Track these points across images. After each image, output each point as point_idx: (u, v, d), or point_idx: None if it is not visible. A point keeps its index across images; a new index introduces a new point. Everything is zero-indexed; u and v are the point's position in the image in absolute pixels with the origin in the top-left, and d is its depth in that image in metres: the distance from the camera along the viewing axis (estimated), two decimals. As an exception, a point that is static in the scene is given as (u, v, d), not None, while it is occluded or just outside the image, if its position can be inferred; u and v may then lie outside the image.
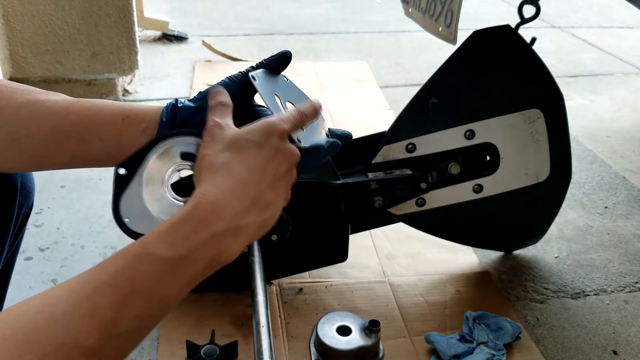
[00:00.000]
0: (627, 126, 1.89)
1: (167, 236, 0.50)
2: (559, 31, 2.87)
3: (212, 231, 0.51)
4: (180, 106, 0.66)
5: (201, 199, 0.52)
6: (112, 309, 0.46)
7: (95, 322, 0.45)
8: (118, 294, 0.47)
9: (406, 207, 1.06)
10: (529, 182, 1.06)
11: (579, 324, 1.07)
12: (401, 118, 1.05)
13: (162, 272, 0.49)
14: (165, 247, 0.49)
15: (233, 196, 0.53)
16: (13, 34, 1.74)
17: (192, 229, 0.51)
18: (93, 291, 0.46)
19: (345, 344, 0.92)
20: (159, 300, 0.49)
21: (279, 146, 0.57)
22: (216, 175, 0.54)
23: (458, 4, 1.00)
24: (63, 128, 0.62)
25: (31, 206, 0.84)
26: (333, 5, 3.17)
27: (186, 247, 0.50)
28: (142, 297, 0.48)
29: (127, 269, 0.48)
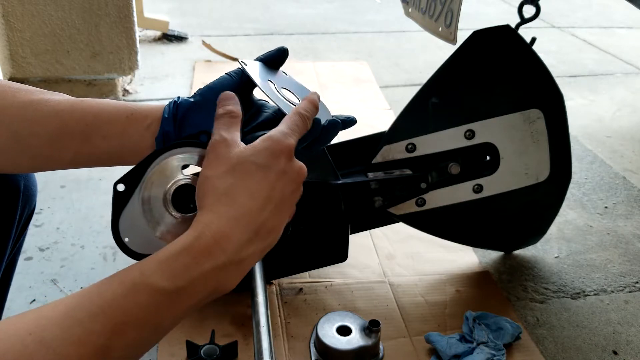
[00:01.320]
0: (627, 126, 1.89)
1: (166, 266, 0.49)
2: (559, 31, 2.87)
3: (213, 264, 0.50)
4: (179, 102, 0.66)
5: (204, 229, 0.51)
6: (105, 337, 0.45)
7: (88, 350, 0.44)
8: (112, 323, 0.46)
9: (406, 207, 1.06)
10: (529, 182, 1.06)
11: (579, 324, 1.07)
12: (401, 118, 1.05)
13: (158, 303, 0.48)
14: (164, 278, 0.48)
15: (236, 227, 0.52)
16: (13, 34, 1.74)
17: (193, 260, 0.49)
18: (87, 317, 0.46)
19: (345, 344, 0.92)
20: (153, 330, 0.48)
21: (285, 168, 0.55)
22: (219, 203, 0.52)
23: (458, 4, 1.00)
24: (67, 127, 0.62)
25: (33, 208, 0.84)
26: (333, 5, 3.17)
27: (185, 279, 0.49)
28: (136, 326, 0.47)
29: (123, 298, 0.47)
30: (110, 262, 1.18)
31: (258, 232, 0.53)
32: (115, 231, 0.60)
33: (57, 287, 1.11)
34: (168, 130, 0.64)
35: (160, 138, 0.64)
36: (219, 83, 0.67)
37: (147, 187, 0.60)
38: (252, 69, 0.67)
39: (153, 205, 0.61)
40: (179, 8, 2.95)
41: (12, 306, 1.05)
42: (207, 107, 0.65)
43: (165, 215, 0.61)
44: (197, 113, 0.65)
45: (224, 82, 0.67)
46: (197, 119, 0.65)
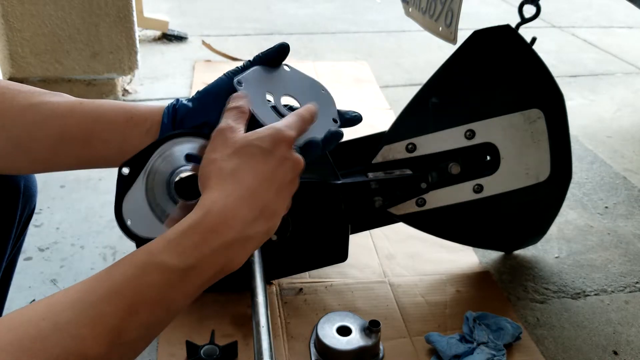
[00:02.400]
0: (627, 126, 1.89)
1: (175, 245, 0.49)
2: (559, 31, 2.87)
3: (221, 240, 0.51)
4: (178, 107, 0.66)
5: (211, 207, 0.52)
6: (118, 317, 0.45)
7: (101, 330, 0.45)
8: (124, 303, 0.46)
9: (406, 207, 1.05)
10: (529, 182, 1.06)
11: (580, 324, 1.07)
12: (401, 118, 1.05)
13: (169, 281, 0.48)
14: (174, 257, 0.49)
15: (242, 205, 0.53)
16: (13, 34, 1.74)
17: (201, 238, 0.50)
18: (98, 299, 0.46)
19: (345, 344, 0.92)
20: (165, 309, 0.49)
21: (285, 154, 0.57)
22: (225, 183, 0.54)
23: (458, 3, 1.00)
24: (67, 132, 0.62)
25: (33, 208, 0.84)
26: (333, 5, 3.17)
27: (195, 257, 0.49)
28: (148, 306, 0.47)
29: (134, 278, 0.47)
30: (110, 262, 1.18)
31: (262, 211, 0.54)
32: (118, 213, 0.61)
33: (57, 287, 1.11)
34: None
35: None
36: (216, 86, 0.67)
37: (151, 173, 0.61)
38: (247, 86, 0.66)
39: (156, 190, 0.62)
40: (178, 8, 2.95)
41: (11, 306, 1.05)
42: (204, 112, 0.65)
43: (167, 201, 0.62)
44: (195, 118, 0.65)
45: (221, 84, 0.67)
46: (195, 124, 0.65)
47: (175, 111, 0.65)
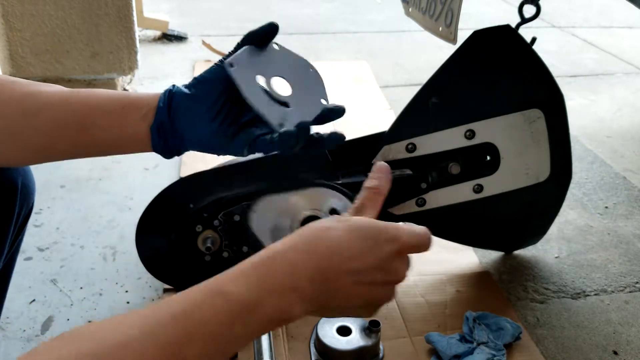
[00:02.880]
0: (627, 126, 1.89)
1: (243, 278, 0.48)
2: (559, 31, 2.87)
3: (279, 287, 0.48)
4: (176, 91, 0.67)
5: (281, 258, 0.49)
6: (178, 343, 0.44)
7: (165, 352, 0.43)
8: (190, 326, 0.44)
9: (406, 207, 1.05)
10: (529, 182, 1.06)
11: (579, 324, 1.07)
12: (401, 118, 1.05)
13: (232, 312, 0.46)
14: (240, 288, 0.47)
15: (306, 266, 0.49)
16: (13, 34, 1.74)
17: (265, 280, 0.48)
18: (160, 327, 0.44)
19: (345, 344, 0.92)
20: (225, 342, 0.46)
21: (392, 259, 0.53)
22: (308, 236, 0.50)
23: (458, 3, 1.00)
24: (63, 119, 0.63)
25: (31, 207, 0.84)
26: (333, 5, 3.17)
27: (258, 293, 0.47)
28: (210, 334, 0.45)
29: (201, 304, 0.46)
30: (110, 262, 1.18)
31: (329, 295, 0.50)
32: None
33: (57, 287, 1.11)
34: (162, 119, 0.65)
35: (155, 127, 0.65)
36: (212, 73, 0.68)
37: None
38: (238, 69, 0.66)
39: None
40: (178, 8, 2.95)
41: (11, 306, 1.05)
42: (200, 100, 0.66)
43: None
44: (190, 106, 0.66)
45: (216, 71, 0.67)
46: (189, 111, 0.66)
47: (172, 97, 0.66)
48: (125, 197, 1.39)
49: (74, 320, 1.03)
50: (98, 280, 1.13)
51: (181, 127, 0.66)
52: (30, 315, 1.04)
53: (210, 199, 1.00)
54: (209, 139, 0.67)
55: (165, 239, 1.03)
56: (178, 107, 0.66)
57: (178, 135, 0.67)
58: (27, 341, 0.99)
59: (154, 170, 1.50)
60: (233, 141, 0.67)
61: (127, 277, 1.14)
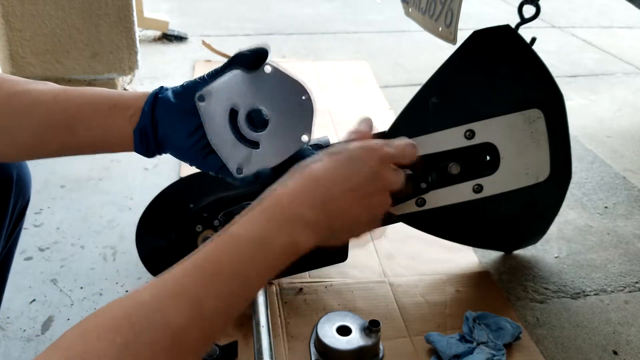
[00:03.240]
0: (627, 126, 1.89)
1: (246, 220, 0.55)
2: (559, 31, 2.87)
3: (285, 218, 0.55)
4: (161, 97, 0.67)
5: (280, 198, 0.57)
6: (198, 286, 0.49)
7: (181, 300, 0.47)
8: (202, 273, 0.50)
9: (406, 207, 1.05)
10: (529, 182, 1.06)
11: (579, 324, 1.07)
12: (401, 118, 1.05)
13: (243, 251, 0.52)
14: (246, 229, 0.54)
15: (304, 194, 0.57)
16: (13, 34, 1.74)
17: (271, 215, 0.55)
18: (179, 273, 0.49)
19: (345, 344, 0.92)
20: (241, 282, 0.52)
21: (376, 169, 0.61)
22: (298, 173, 0.60)
23: (458, 3, 1.00)
24: (51, 119, 0.64)
25: (28, 200, 0.84)
26: (333, 5, 3.17)
27: (264, 229, 0.54)
28: (224, 276, 0.50)
29: (211, 250, 0.52)
30: (110, 262, 1.18)
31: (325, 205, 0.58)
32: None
33: (57, 287, 1.11)
34: (145, 124, 0.66)
35: (138, 132, 0.66)
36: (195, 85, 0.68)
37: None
38: (209, 101, 0.66)
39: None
40: (178, 8, 2.95)
41: (11, 306, 1.05)
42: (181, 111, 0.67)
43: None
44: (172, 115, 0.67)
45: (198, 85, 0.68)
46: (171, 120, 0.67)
47: (156, 101, 0.67)
48: (125, 197, 1.39)
49: (74, 320, 1.03)
50: (98, 280, 1.13)
51: (161, 135, 0.67)
52: (31, 315, 1.04)
53: (210, 199, 1.00)
54: (186, 151, 0.68)
55: (165, 239, 1.03)
56: (161, 114, 0.67)
57: (158, 142, 0.68)
58: (27, 341, 0.99)
59: (154, 170, 1.50)
60: (205, 161, 0.69)
61: (127, 277, 1.14)
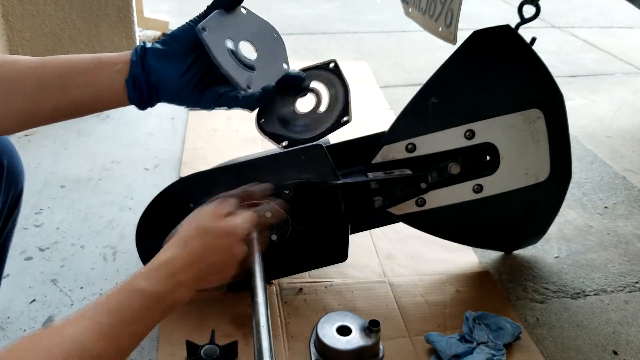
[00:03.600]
0: (627, 126, 1.89)
1: (153, 275, 0.67)
2: (559, 31, 2.87)
3: (175, 281, 0.68)
4: (149, 47, 0.73)
5: (177, 257, 0.70)
6: (115, 329, 0.60)
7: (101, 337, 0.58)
8: (120, 318, 0.61)
9: (406, 207, 1.06)
10: (529, 182, 1.06)
11: (579, 324, 1.07)
12: (401, 118, 1.05)
13: (147, 304, 0.64)
14: (151, 284, 0.65)
15: (189, 267, 0.70)
16: (13, 34, 1.74)
17: (167, 274, 0.67)
18: (99, 315, 0.59)
19: (345, 343, 0.92)
20: (143, 326, 0.63)
21: (222, 227, 0.75)
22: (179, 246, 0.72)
23: (458, 4, 1.00)
24: (43, 80, 0.67)
25: (21, 189, 0.84)
26: (333, 5, 3.17)
27: (166, 286, 0.66)
28: (135, 322, 0.62)
29: (122, 301, 0.62)
30: (110, 262, 1.18)
31: (208, 270, 0.73)
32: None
33: (57, 287, 1.11)
34: (136, 72, 0.71)
35: (130, 81, 0.71)
36: (183, 32, 0.75)
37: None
38: (210, 33, 0.74)
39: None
40: (178, 8, 2.95)
41: (12, 306, 1.05)
42: (171, 55, 0.73)
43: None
44: (162, 60, 0.73)
45: (187, 30, 0.74)
46: (162, 65, 0.72)
47: (145, 51, 0.73)
48: (125, 197, 1.39)
49: (74, 320, 1.03)
50: (98, 280, 1.13)
51: (154, 80, 0.72)
52: (31, 315, 1.04)
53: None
54: (180, 91, 0.74)
55: (166, 239, 1.03)
56: (151, 61, 0.72)
57: (152, 87, 0.73)
58: (28, 341, 0.99)
59: (154, 170, 1.50)
60: (201, 96, 0.75)
61: (127, 277, 1.13)
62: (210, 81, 0.77)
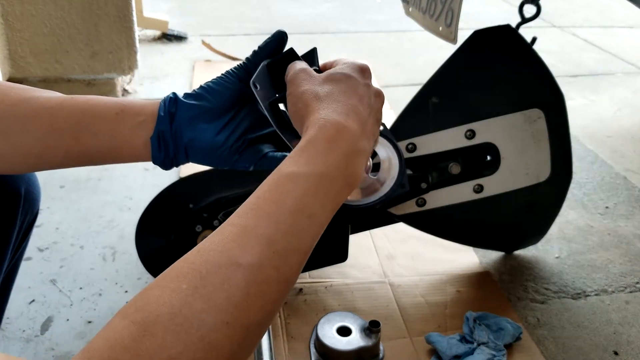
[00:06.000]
0: (627, 126, 1.89)
1: (300, 157, 0.50)
2: (559, 31, 2.87)
3: (340, 151, 0.52)
4: (181, 100, 0.64)
5: (324, 123, 0.53)
6: (262, 227, 0.45)
7: (248, 240, 0.44)
8: (264, 214, 0.46)
9: (406, 207, 1.05)
10: (529, 182, 1.06)
11: (580, 324, 1.06)
12: (401, 118, 1.05)
13: (303, 188, 0.48)
14: (302, 166, 0.50)
15: (350, 120, 0.54)
16: (12, 34, 1.74)
17: (324, 148, 0.51)
18: (237, 217, 0.47)
19: (346, 344, 0.92)
20: (307, 217, 0.48)
21: (368, 82, 0.59)
22: (327, 103, 0.55)
23: (458, 3, 1.00)
24: (56, 124, 0.61)
25: (36, 213, 0.83)
26: (333, 4, 3.17)
27: (322, 163, 0.50)
28: (288, 214, 0.47)
29: (268, 193, 0.48)
30: (110, 262, 1.17)
31: (364, 127, 0.55)
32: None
33: (57, 288, 1.11)
34: (164, 129, 0.62)
35: (155, 138, 0.63)
36: (220, 85, 0.65)
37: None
38: (260, 89, 0.64)
39: None
40: (178, 8, 2.95)
41: (11, 306, 1.05)
42: (206, 111, 0.64)
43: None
44: (196, 117, 0.63)
45: (225, 84, 0.65)
46: (194, 122, 0.63)
47: (175, 105, 0.64)
48: (125, 197, 1.39)
49: (74, 321, 1.03)
50: (98, 281, 1.12)
51: (184, 139, 0.64)
52: (30, 315, 1.04)
53: (210, 199, 1.00)
54: (214, 151, 0.65)
55: (165, 239, 1.03)
56: (183, 118, 0.63)
57: (180, 147, 0.64)
58: (27, 341, 0.99)
59: (154, 170, 1.50)
60: (241, 156, 0.66)
61: (127, 277, 1.13)
62: (251, 139, 0.67)
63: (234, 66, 0.67)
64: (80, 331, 1.01)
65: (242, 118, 0.66)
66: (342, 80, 0.57)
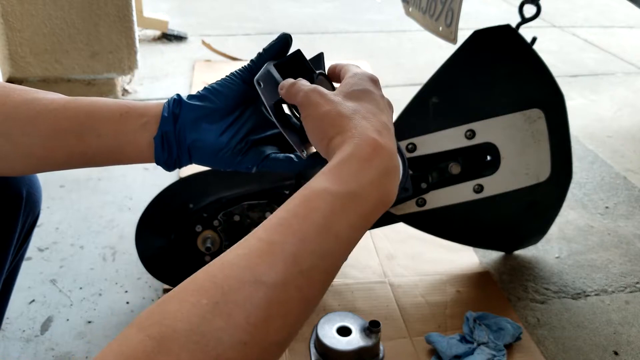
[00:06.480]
0: (627, 126, 1.89)
1: (335, 175, 0.50)
2: (559, 31, 2.87)
3: (375, 170, 0.50)
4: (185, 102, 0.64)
5: (359, 141, 0.51)
6: (288, 244, 0.45)
7: (273, 258, 0.44)
8: (292, 231, 0.46)
9: (406, 207, 1.05)
10: (529, 182, 1.06)
11: (580, 324, 1.06)
12: (401, 118, 1.05)
13: (333, 206, 0.48)
14: (335, 184, 0.49)
15: (382, 136, 0.53)
16: (12, 34, 1.74)
17: (359, 167, 0.50)
18: (264, 231, 0.46)
19: (346, 344, 0.92)
20: (334, 236, 0.47)
21: (382, 94, 0.58)
22: (357, 120, 0.53)
23: (458, 3, 1.00)
24: (59, 125, 0.61)
25: (37, 215, 0.83)
26: (333, 4, 3.16)
27: (355, 183, 0.49)
28: (316, 232, 0.46)
29: (299, 208, 0.47)
30: (110, 262, 1.17)
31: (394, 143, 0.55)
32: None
33: (56, 288, 1.10)
34: (167, 130, 0.62)
35: (159, 139, 0.62)
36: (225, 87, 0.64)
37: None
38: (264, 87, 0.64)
39: None
40: (178, 7, 2.95)
41: (11, 306, 1.05)
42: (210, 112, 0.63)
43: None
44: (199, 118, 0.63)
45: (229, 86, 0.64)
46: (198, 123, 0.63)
47: (178, 107, 0.63)
48: (125, 197, 1.39)
49: (74, 321, 1.03)
50: (98, 281, 1.12)
51: (188, 139, 0.64)
52: (30, 315, 1.04)
53: (210, 199, 1.00)
54: (217, 152, 0.65)
55: (165, 239, 1.03)
56: (186, 118, 0.63)
57: (184, 148, 0.64)
58: (27, 341, 0.99)
59: (154, 170, 1.50)
60: (243, 157, 0.66)
61: (127, 277, 1.13)
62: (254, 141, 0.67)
63: (239, 68, 0.66)
64: (80, 331, 1.01)
65: (245, 119, 0.66)
66: (363, 97, 0.56)
